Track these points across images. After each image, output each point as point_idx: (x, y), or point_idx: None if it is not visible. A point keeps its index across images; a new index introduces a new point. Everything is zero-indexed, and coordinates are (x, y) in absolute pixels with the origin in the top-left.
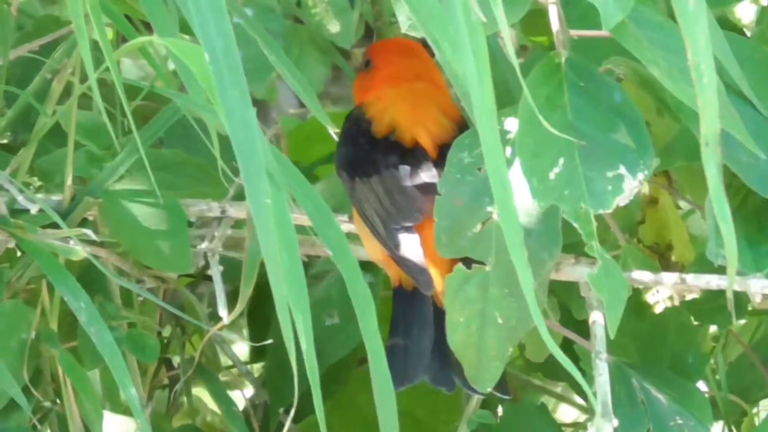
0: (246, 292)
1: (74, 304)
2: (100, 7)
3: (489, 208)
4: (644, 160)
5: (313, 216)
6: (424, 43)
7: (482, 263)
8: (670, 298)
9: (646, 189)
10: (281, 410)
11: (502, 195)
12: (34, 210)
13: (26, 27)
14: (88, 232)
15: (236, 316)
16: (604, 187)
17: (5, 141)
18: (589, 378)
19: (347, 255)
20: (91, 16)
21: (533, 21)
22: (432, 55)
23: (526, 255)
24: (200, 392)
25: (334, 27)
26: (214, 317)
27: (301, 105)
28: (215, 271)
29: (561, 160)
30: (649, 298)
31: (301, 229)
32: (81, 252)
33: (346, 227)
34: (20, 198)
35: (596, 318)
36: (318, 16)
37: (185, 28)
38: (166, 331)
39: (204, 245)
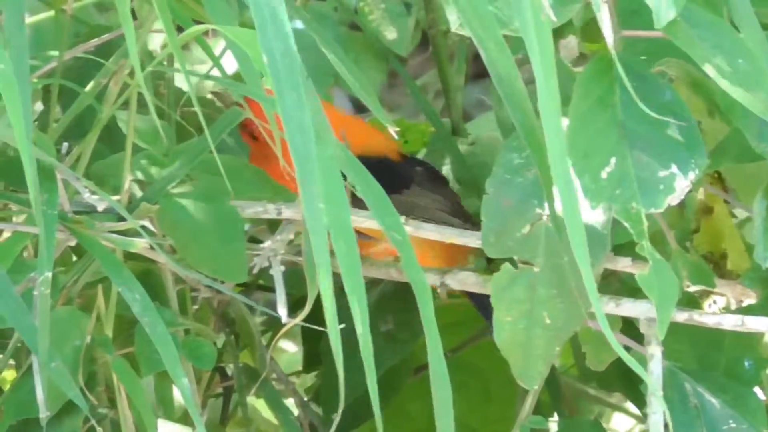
0: (312, 293)
1: (128, 295)
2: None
3: (538, 210)
4: (696, 159)
5: (373, 203)
6: None
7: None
8: (727, 302)
9: (701, 195)
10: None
11: (566, 194)
12: (101, 207)
13: (80, 36)
14: (148, 224)
15: (303, 317)
16: (655, 187)
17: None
18: (645, 385)
19: (405, 240)
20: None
21: (593, 28)
22: None
23: (588, 254)
24: (252, 400)
25: (391, 34)
26: (268, 326)
27: (356, 111)
28: (277, 270)
29: (613, 160)
30: (707, 307)
31: None
32: (140, 243)
33: None
34: (86, 195)
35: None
36: (375, 23)
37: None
38: (219, 341)
39: (267, 243)
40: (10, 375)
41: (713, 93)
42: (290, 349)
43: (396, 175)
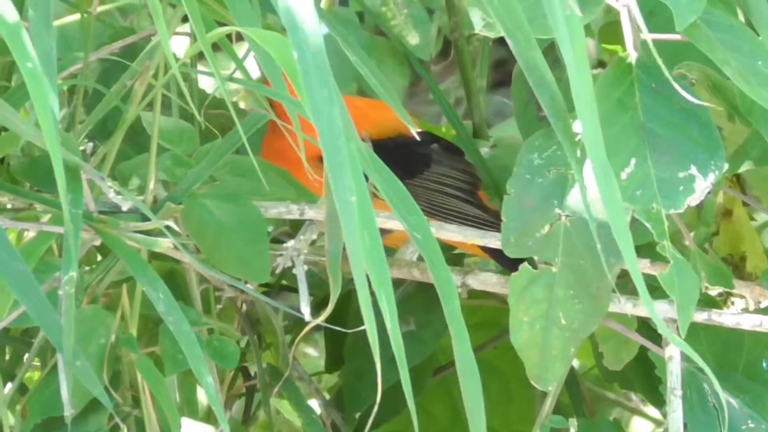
0: (335, 293)
1: (153, 295)
2: None
3: (557, 210)
4: (715, 161)
5: (395, 204)
6: None
7: None
8: (745, 304)
9: (720, 198)
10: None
11: (606, 186)
12: (125, 207)
13: (105, 39)
14: (172, 224)
15: (325, 317)
16: (675, 188)
17: (82, 148)
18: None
19: (430, 239)
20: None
21: (612, 31)
22: None
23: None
24: (275, 401)
25: (413, 39)
26: (290, 328)
27: None
28: (300, 270)
29: (633, 161)
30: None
31: None
32: (165, 243)
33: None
34: (111, 195)
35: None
36: (397, 28)
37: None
38: (243, 342)
39: (290, 243)
40: (35, 374)
41: (733, 96)
42: (311, 353)
43: (413, 157)
